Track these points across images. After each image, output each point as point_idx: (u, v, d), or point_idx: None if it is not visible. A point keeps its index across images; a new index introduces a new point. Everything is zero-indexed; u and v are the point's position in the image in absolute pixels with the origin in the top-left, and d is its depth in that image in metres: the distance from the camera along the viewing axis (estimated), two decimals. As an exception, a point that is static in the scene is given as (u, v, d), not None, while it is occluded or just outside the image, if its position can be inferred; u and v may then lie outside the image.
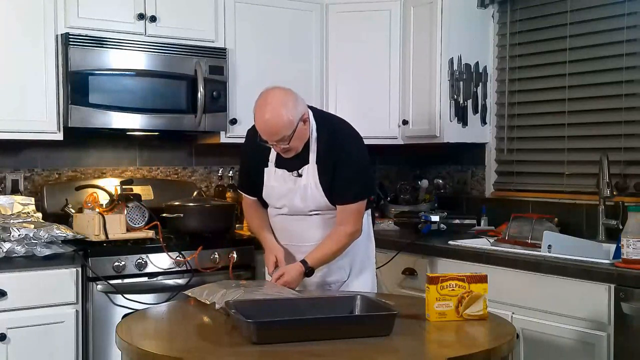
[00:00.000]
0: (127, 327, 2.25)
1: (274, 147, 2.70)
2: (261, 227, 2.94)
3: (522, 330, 2.96)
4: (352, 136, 2.81)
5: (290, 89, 2.71)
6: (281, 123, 2.61)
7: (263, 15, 3.95)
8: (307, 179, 2.76)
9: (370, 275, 2.99)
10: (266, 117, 2.61)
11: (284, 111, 2.61)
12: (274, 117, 2.60)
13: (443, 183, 4.27)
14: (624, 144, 3.48)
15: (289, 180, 2.78)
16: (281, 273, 2.71)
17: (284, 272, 2.71)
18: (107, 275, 3.21)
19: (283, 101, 2.63)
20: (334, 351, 1.96)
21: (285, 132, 2.62)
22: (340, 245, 2.80)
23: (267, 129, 2.63)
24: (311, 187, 2.76)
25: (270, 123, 2.61)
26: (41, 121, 3.40)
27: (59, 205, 3.55)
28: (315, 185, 2.76)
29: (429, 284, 2.27)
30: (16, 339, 3.04)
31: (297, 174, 2.77)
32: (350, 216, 2.78)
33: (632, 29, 3.44)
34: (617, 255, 2.88)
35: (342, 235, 2.79)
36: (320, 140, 2.76)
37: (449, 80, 3.89)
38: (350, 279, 2.91)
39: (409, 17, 4.03)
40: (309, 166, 2.76)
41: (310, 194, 2.77)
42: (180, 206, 3.58)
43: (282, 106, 2.62)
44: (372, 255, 3.04)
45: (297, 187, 2.77)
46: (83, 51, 3.41)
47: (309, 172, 2.76)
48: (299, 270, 2.72)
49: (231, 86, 3.83)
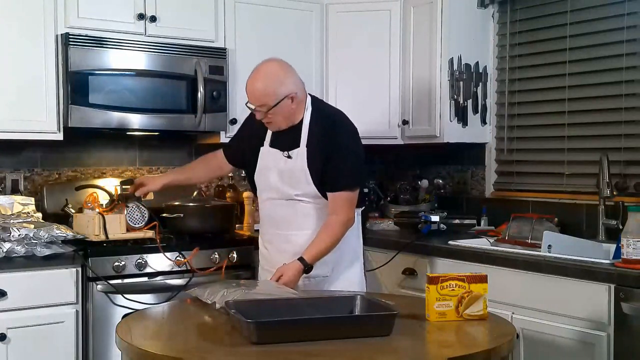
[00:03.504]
0: (127, 327, 2.25)
1: (257, 113, 2.77)
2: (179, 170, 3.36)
3: (522, 330, 2.96)
4: (348, 128, 2.86)
5: (290, 65, 2.81)
6: (264, 91, 2.71)
7: (263, 15, 3.95)
8: (295, 162, 2.79)
9: (357, 271, 2.97)
10: (254, 82, 2.74)
11: (271, 81, 2.72)
12: (260, 83, 2.72)
13: (443, 183, 4.27)
14: (624, 144, 3.48)
15: (280, 160, 2.81)
16: (280, 274, 2.69)
17: (282, 273, 2.69)
18: (107, 275, 3.21)
19: (274, 71, 2.75)
20: (333, 351, 1.95)
21: (266, 101, 2.71)
22: (335, 237, 2.79)
23: (251, 92, 2.74)
24: (298, 170, 2.78)
25: (255, 87, 2.73)
26: (41, 121, 3.40)
27: (59, 205, 3.55)
28: (301, 169, 2.78)
29: (429, 284, 2.27)
30: (16, 339, 3.04)
31: (287, 155, 2.80)
32: (343, 205, 2.79)
33: (632, 29, 3.45)
34: (617, 255, 2.88)
35: (335, 226, 2.79)
36: (313, 126, 2.79)
37: (449, 80, 3.89)
38: (334, 275, 2.88)
39: (409, 17, 4.03)
40: (299, 150, 2.79)
41: (297, 177, 2.79)
42: (180, 206, 3.58)
43: (271, 75, 2.74)
44: (360, 252, 3.02)
45: (287, 169, 2.80)
46: (83, 51, 3.41)
47: (299, 155, 2.79)
48: (297, 269, 2.71)
49: (231, 86, 3.83)
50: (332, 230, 2.79)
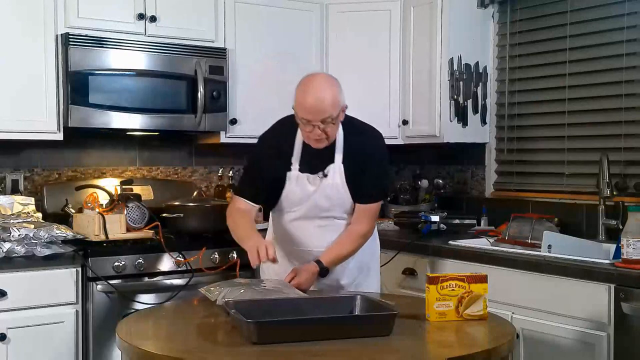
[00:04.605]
0: (127, 327, 2.25)
1: (312, 131, 2.63)
2: (252, 228, 2.79)
3: (522, 330, 2.96)
4: (381, 142, 2.86)
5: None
6: (331, 100, 2.60)
7: (263, 15, 3.95)
8: (332, 179, 2.75)
9: (376, 275, 3.01)
10: (318, 93, 2.60)
11: (334, 91, 2.63)
12: (325, 93, 2.60)
13: (443, 183, 4.27)
14: (624, 144, 3.48)
15: (314, 182, 2.76)
16: (294, 274, 2.65)
17: (296, 273, 2.66)
18: (107, 275, 3.21)
19: (332, 82, 2.66)
20: (334, 351, 1.96)
21: (332, 112, 2.60)
22: (354, 245, 2.81)
23: (316, 105, 2.59)
24: (337, 186, 2.76)
25: (321, 98, 2.59)
26: (41, 121, 3.40)
27: (59, 205, 3.55)
28: (342, 185, 2.76)
29: (429, 284, 2.27)
30: (16, 339, 3.04)
31: (322, 175, 2.76)
32: (368, 216, 2.81)
33: (632, 29, 3.45)
34: (617, 255, 2.88)
35: (357, 235, 2.80)
36: (347, 140, 2.75)
37: (449, 80, 3.89)
38: (358, 280, 2.90)
39: (409, 17, 4.03)
40: (334, 165, 2.75)
41: (336, 192, 2.76)
42: (180, 206, 3.58)
43: (332, 86, 2.64)
44: (377, 255, 3.05)
45: (322, 188, 2.76)
46: (83, 51, 3.41)
47: (335, 172, 2.75)
48: (312, 271, 2.68)
49: (231, 86, 3.83)
50: (353, 239, 2.80)
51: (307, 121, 2.62)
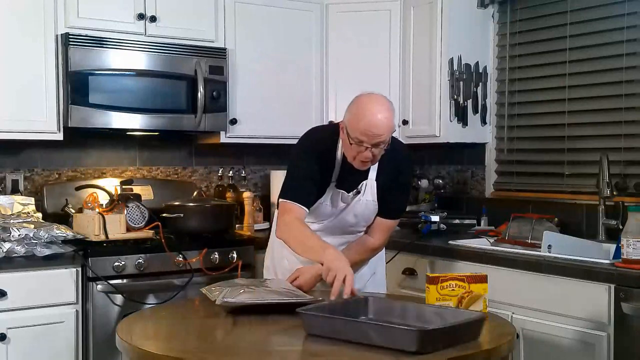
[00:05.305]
0: (127, 327, 2.25)
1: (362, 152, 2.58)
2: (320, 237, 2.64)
3: (522, 330, 2.96)
4: (407, 151, 2.87)
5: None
6: (390, 125, 2.59)
7: (263, 15, 3.95)
8: (364, 195, 2.75)
9: (382, 277, 3.02)
10: (379, 116, 2.56)
11: (391, 115, 2.60)
12: (387, 118, 2.57)
13: (443, 183, 4.27)
14: (624, 144, 3.48)
15: (346, 199, 2.75)
16: (297, 275, 2.64)
17: (300, 274, 2.63)
18: (107, 275, 3.21)
19: (390, 107, 2.62)
20: (334, 351, 1.95)
21: (387, 136, 2.59)
22: (364, 258, 2.83)
23: (377, 128, 2.54)
24: (368, 203, 2.75)
25: (383, 123, 2.55)
26: (41, 121, 3.40)
27: (59, 205, 3.55)
28: (372, 201, 2.76)
29: (429, 284, 2.27)
30: (16, 339, 3.04)
31: (355, 192, 2.75)
32: (385, 231, 2.83)
33: (632, 29, 3.44)
34: (617, 255, 2.88)
35: (370, 247, 2.83)
36: (384, 158, 2.69)
37: (449, 80, 3.89)
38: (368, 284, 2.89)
39: (409, 17, 4.03)
40: (367, 182, 2.74)
41: (365, 209, 2.76)
42: (180, 206, 3.58)
43: (390, 110, 2.61)
44: (384, 257, 3.06)
45: (352, 205, 2.75)
46: (83, 51, 3.41)
47: (367, 189, 2.74)
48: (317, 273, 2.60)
49: (231, 86, 3.83)
50: (366, 249, 2.82)
51: (360, 142, 2.57)
